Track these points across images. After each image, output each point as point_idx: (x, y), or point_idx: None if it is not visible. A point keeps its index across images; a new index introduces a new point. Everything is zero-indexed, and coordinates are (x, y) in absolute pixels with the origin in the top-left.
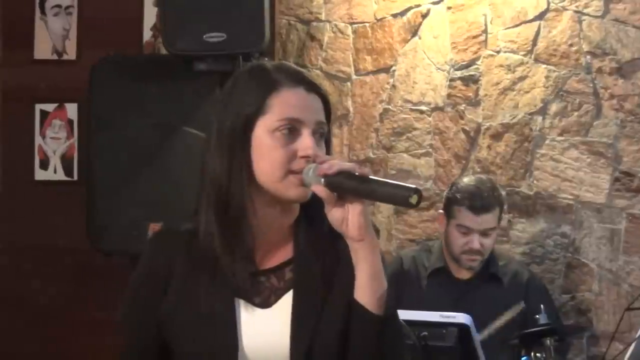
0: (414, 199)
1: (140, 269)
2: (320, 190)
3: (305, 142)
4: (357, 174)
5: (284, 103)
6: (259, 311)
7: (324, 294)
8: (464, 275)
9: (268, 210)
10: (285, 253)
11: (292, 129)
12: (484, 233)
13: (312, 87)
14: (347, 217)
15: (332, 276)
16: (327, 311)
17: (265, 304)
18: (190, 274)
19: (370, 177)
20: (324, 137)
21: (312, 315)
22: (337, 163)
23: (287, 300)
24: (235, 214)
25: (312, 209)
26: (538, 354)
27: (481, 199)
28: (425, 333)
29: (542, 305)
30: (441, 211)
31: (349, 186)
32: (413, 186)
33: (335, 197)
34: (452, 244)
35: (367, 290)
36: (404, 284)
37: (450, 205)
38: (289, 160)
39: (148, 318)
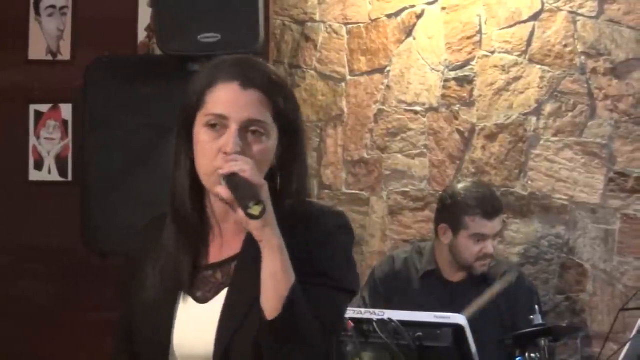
0: (254, 210)
1: (124, 262)
2: (222, 191)
3: (225, 139)
4: (238, 176)
5: (215, 98)
6: (195, 306)
7: (257, 293)
8: (455, 277)
9: (217, 204)
10: (235, 248)
11: (219, 124)
12: (495, 236)
13: (250, 83)
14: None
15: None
16: (254, 311)
17: (204, 299)
18: (150, 264)
19: (245, 181)
20: (262, 135)
21: (240, 314)
22: (232, 165)
23: (222, 297)
24: (180, 207)
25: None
26: (532, 355)
27: (492, 203)
28: (420, 333)
29: (536, 306)
30: (444, 225)
31: (232, 190)
32: (258, 199)
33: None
34: (464, 254)
35: (266, 290)
36: (395, 284)
37: (458, 217)
38: (214, 156)
39: (126, 311)
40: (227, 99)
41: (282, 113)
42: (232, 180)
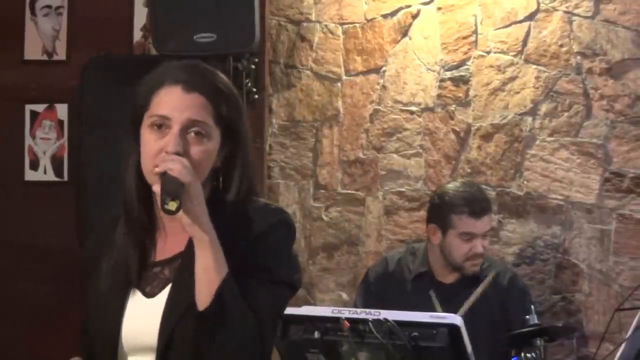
0: (170, 205)
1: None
2: (156, 189)
3: (167, 139)
4: (167, 175)
5: (159, 100)
6: (143, 300)
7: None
8: (447, 279)
9: None
10: (181, 245)
11: (163, 125)
12: (483, 235)
13: (193, 87)
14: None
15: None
16: (194, 305)
17: (152, 293)
18: (104, 260)
19: (172, 180)
20: (204, 137)
21: (181, 308)
22: (165, 164)
23: (167, 291)
24: (128, 204)
25: (213, 203)
26: (528, 355)
27: (480, 202)
28: (416, 333)
29: (532, 306)
30: (433, 224)
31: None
32: (173, 195)
33: None
34: (453, 254)
35: (199, 283)
36: (389, 285)
37: (446, 216)
38: (156, 154)
39: (84, 306)
40: (170, 101)
41: (224, 116)
42: (163, 178)
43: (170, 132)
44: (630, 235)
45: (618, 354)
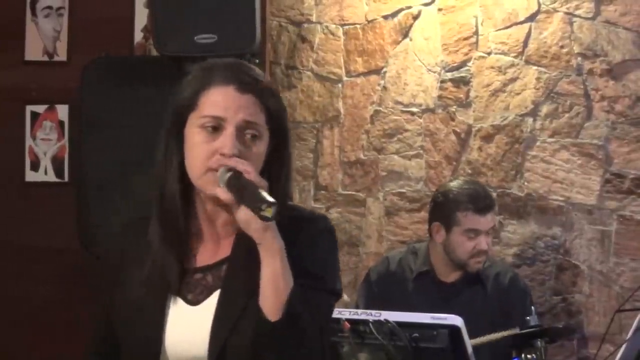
0: (267, 212)
1: (102, 262)
2: (221, 193)
3: (223, 140)
4: (242, 178)
5: (211, 100)
6: (187, 308)
7: (249, 295)
8: (449, 278)
9: (207, 205)
10: (225, 251)
11: (215, 126)
12: (487, 232)
13: (245, 87)
14: (247, 220)
15: (260, 277)
16: (247, 313)
17: (195, 301)
18: (135, 266)
19: (250, 183)
20: (257, 138)
21: (234, 315)
22: (237, 165)
23: (214, 299)
24: (169, 208)
25: None
26: (529, 356)
27: (484, 199)
28: (417, 334)
29: (532, 307)
30: (436, 223)
31: (236, 191)
32: (271, 200)
33: (235, 200)
34: (458, 251)
35: (264, 292)
36: (390, 285)
37: (450, 213)
38: (209, 156)
39: (104, 310)
40: (223, 101)
41: (274, 116)
42: (236, 181)
43: (225, 133)
44: (631, 237)
45: (618, 355)
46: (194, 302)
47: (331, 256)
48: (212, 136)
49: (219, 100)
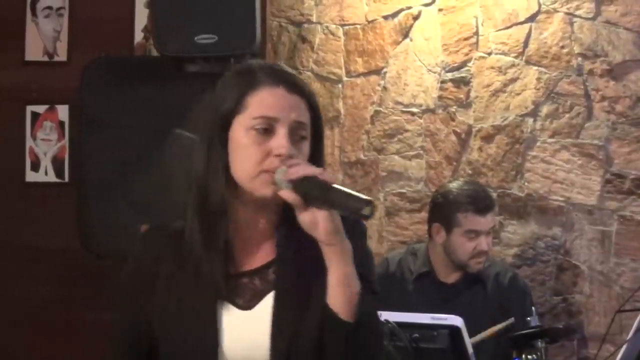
0: (367, 211)
1: (128, 268)
2: (287, 195)
3: (279, 141)
4: (320, 180)
5: (261, 101)
6: (240, 313)
7: (305, 297)
8: (449, 279)
9: (247, 209)
10: (268, 254)
11: (267, 127)
12: (487, 232)
13: (295, 88)
14: (316, 222)
15: (313, 278)
16: (307, 314)
17: (247, 305)
18: (176, 273)
19: (333, 185)
20: (305, 139)
21: (292, 318)
22: (302, 168)
23: (268, 302)
24: (213, 212)
25: (292, 209)
26: (529, 356)
27: (484, 200)
28: (417, 335)
29: (533, 308)
30: (436, 224)
31: (312, 193)
32: (367, 198)
33: (303, 201)
34: (458, 252)
35: (337, 295)
36: (390, 286)
37: (451, 214)
38: (262, 158)
39: (135, 317)
40: (276, 102)
41: (317, 118)
42: (309, 182)
43: (279, 134)
44: (631, 237)
45: (619, 356)
46: (245, 307)
47: (371, 258)
48: (263, 137)
49: (271, 101)
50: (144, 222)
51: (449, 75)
